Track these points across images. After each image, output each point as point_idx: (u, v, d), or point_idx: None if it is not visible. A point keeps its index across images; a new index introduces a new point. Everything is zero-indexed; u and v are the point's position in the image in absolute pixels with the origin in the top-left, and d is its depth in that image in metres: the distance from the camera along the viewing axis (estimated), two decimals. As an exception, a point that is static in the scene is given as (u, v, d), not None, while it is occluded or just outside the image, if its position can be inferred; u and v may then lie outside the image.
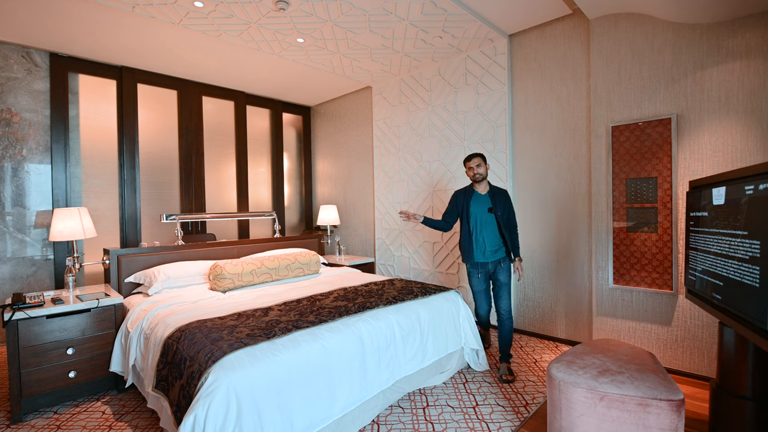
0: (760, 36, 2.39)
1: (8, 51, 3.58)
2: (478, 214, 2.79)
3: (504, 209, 2.79)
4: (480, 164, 2.78)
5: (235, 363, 1.71)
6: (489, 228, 2.76)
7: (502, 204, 2.78)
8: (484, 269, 2.81)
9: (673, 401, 1.57)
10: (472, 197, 2.83)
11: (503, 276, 2.77)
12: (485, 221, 2.76)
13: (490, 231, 2.76)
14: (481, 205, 2.79)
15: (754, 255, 1.45)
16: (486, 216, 2.77)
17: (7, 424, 2.23)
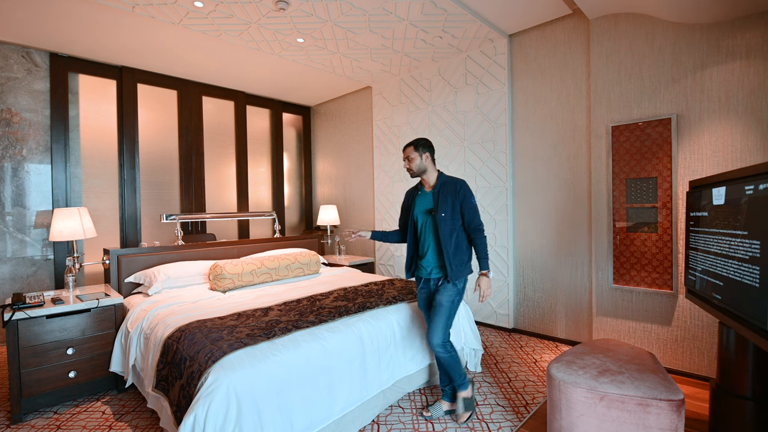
0: (760, 36, 2.39)
1: (8, 51, 3.58)
2: (420, 217, 2.22)
3: (453, 209, 2.11)
4: (412, 156, 2.18)
5: (235, 363, 1.71)
6: (432, 236, 2.18)
7: (449, 202, 2.12)
8: (427, 287, 2.28)
9: (673, 401, 1.57)
10: (416, 196, 2.28)
11: (443, 296, 2.12)
12: (430, 227, 2.19)
13: (433, 240, 2.18)
14: (425, 206, 2.22)
15: (754, 255, 1.45)
16: (430, 220, 2.19)
17: (7, 424, 2.23)
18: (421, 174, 2.22)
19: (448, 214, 2.11)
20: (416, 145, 2.18)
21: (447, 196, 2.13)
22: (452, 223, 2.11)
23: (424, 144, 2.20)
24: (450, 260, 2.09)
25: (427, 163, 2.20)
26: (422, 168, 2.20)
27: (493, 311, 3.76)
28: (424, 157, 2.19)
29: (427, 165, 2.20)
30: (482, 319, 3.85)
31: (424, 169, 2.20)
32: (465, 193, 2.13)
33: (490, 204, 3.74)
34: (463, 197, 2.12)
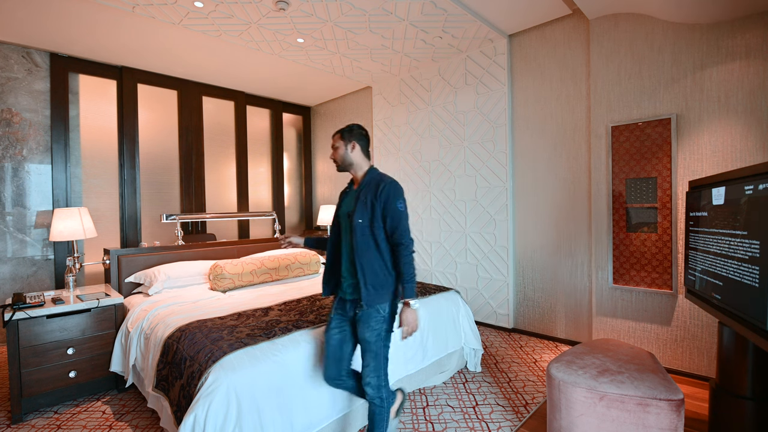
0: (760, 36, 2.39)
1: (8, 51, 3.59)
2: (343, 221, 1.82)
3: (373, 214, 1.70)
4: (336, 145, 1.83)
5: (235, 363, 1.71)
6: (349, 246, 1.78)
7: (369, 205, 1.71)
8: (342, 309, 1.83)
9: (673, 401, 1.57)
10: (345, 196, 1.90)
11: (365, 330, 1.71)
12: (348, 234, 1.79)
13: (348, 251, 1.77)
14: (347, 207, 1.82)
15: (754, 255, 1.45)
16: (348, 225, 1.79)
17: (8, 423, 2.24)
18: (347, 167, 1.83)
19: (365, 221, 1.69)
20: (343, 133, 1.82)
21: (367, 197, 1.72)
22: (371, 232, 1.69)
23: (352, 131, 1.82)
24: (364, 279, 1.67)
25: (354, 154, 1.80)
26: (347, 160, 1.81)
27: (493, 311, 3.76)
28: (350, 146, 1.80)
29: (353, 157, 1.80)
30: (482, 319, 3.85)
31: (350, 162, 1.81)
32: (388, 195, 1.68)
33: (490, 204, 3.74)
34: (386, 200, 1.68)
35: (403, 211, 1.71)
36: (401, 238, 1.69)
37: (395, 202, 1.69)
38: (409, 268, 1.68)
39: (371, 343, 1.71)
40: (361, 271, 1.69)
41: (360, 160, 1.83)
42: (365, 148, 1.84)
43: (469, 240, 3.93)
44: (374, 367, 1.71)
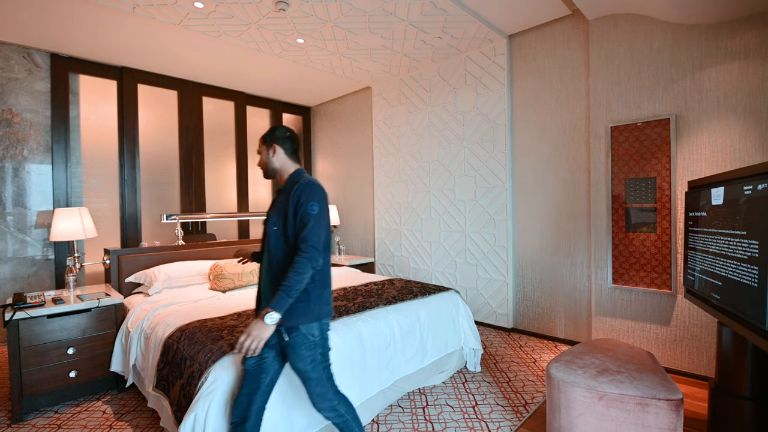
0: (759, 37, 2.39)
1: (9, 51, 3.59)
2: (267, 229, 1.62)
3: (286, 220, 1.51)
4: (260, 149, 1.69)
5: (236, 363, 1.71)
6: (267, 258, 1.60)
7: (282, 209, 1.54)
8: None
9: (672, 401, 1.57)
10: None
11: (297, 360, 1.50)
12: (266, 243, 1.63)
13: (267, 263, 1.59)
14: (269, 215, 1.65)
15: (753, 255, 1.45)
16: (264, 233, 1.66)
17: (8, 423, 2.24)
18: (272, 174, 1.67)
19: (279, 227, 1.52)
20: (264, 137, 1.66)
21: (282, 202, 1.55)
22: (285, 239, 1.51)
23: (273, 134, 1.65)
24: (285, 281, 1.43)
25: (277, 159, 1.63)
26: (270, 166, 1.65)
27: (493, 311, 3.77)
28: (272, 151, 1.63)
29: (276, 162, 1.64)
30: (482, 319, 3.85)
31: (273, 168, 1.65)
32: (300, 195, 1.49)
33: (490, 204, 3.74)
34: (297, 201, 1.49)
35: (315, 214, 1.46)
36: (302, 242, 1.42)
37: (307, 203, 1.47)
38: (295, 277, 1.39)
39: (308, 372, 1.49)
40: (273, 284, 1.51)
41: (284, 164, 1.64)
42: (290, 151, 1.66)
43: (468, 240, 3.93)
44: (320, 394, 1.52)
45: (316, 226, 1.46)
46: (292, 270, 1.40)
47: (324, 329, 1.55)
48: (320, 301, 1.52)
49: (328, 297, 1.56)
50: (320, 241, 1.45)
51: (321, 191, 1.53)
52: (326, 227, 1.50)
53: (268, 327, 1.38)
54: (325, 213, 1.51)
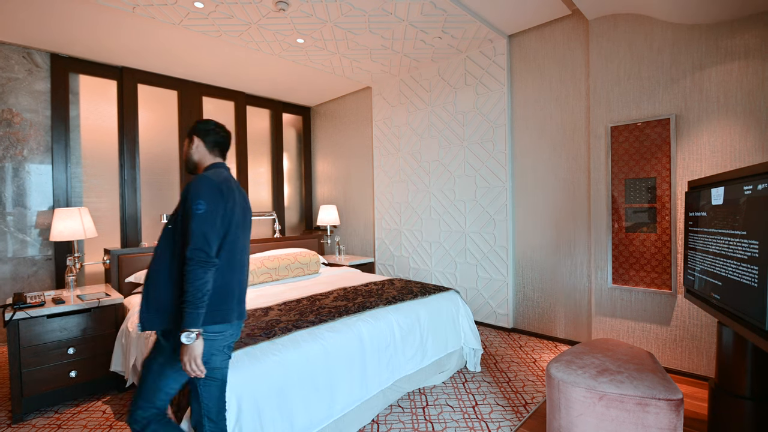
0: (759, 36, 2.39)
1: (9, 51, 3.59)
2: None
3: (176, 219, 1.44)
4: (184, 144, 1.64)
5: (236, 362, 1.71)
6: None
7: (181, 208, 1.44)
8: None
9: (672, 401, 1.57)
10: None
11: (151, 355, 1.46)
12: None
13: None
14: None
15: (753, 255, 1.45)
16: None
17: (9, 423, 2.24)
18: (192, 168, 1.61)
19: (172, 224, 1.44)
20: (188, 131, 1.60)
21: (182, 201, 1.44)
22: (172, 236, 1.42)
23: (194, 127, 1.59)
24: (147, 294, 1.38)
25: (195, 152, 1.57)
26: (190, 159, 1.59)
27: (493, 311, 3.77)
28: (195, 144, 1.57)
29: (194, 155, 1.58)
30: (482, 319, 3.85)
31: (193, 162, 1.59)
32: (188, 192, 1.39)
33: (490, 204, 3.74)
34: (185, 198, 1.40)
35: (200, 214, 1.35)
36: (190, 252, 1.32)
37: (194, 201, 1.36)
38: (191, 288, 1.30)
39: (144, 366, 1.41)
40: (145, 284, 1.41)
41: (203, 158, 1.58)
42: (211, 144, 1.58)
43: (468, 240, 3.93)
44: (138, 390, 1.42)
45: (200, 228, 1.34)
46: (186, 280, 1.31)
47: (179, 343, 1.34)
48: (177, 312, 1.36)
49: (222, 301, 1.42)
50: (206, 243, 1.34)
51: (211, 187, 1.39)
52: (214, 226, 1.37)
53: (190, 346, 1.31)
54: (214, 211, 1.38)
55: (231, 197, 1.46)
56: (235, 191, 1.51)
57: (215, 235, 1.38)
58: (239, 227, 1.50)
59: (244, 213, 1.55)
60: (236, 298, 1.49)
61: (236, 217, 1.48)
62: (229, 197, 1.45)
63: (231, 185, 1.51)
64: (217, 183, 1.44)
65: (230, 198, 1.46)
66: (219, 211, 1.40)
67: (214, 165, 1.57)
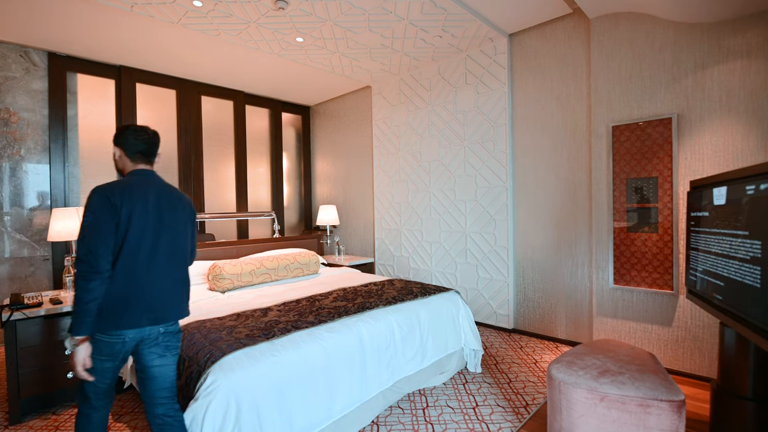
0: (761, 35, 2.38)
1: (6, 50, 3.57)
2: None
3: None
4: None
5: (234, 364, 1.70)
6: None
7: None
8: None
9: (674, 402, 1.56)
10: None
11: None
12: None
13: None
14: None
15: (755, 255, 1.44)
16: None
17: (6, 425, 2.23)
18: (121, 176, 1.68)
19: None
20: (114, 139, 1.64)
21: None
22: None
23: (116, 135, 1.63)
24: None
25: (119, 160, 1.64)
26: (117, 167, 1.66)
27: (493, 311, 3.76)
28: (117, 154, 1.63)
29: (118, 162, 1.65)
30: (482, 320, 3.84)
31: (118, 169, 1.66)
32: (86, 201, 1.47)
33: (490, 204, 3.73)
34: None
35: (85, 226, 1.42)
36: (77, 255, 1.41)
37: (84, 213, 1.45)
38: (75, 298, 1.37)
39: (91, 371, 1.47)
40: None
41: (125, 166, 1.63)
42: (131, 152, 1.61)
43: (469, 240, 3.92)
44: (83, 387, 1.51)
45: (82, 236, 1.41)
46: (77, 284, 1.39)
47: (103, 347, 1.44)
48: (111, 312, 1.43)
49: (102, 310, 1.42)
50: (89, 254, 1.39)
51: (99, 199, 1.45)
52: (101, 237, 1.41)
53: (74, 352, 1.40)
54: (101, 222, 1.42)
55: (133, 204, 1.49)
56: (149, 196, 1.54)
57: (103, 246, 1.41)
58: (148, 232, 1.51)
59: (160, 216, 1.56)
60: (145, 304, 1.50)
61: (144, 222, 1.50)
62: (126, 204, 1.47)
63: (143, 190, 1.54)
64: (107, 193, 1.46)
65: (132, 205, 1.48)
66: (108, 221, 1.44)
67: (134, 173, 1.61)
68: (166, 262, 1.58)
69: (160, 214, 1.57)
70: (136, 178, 1.59)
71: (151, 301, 1.52)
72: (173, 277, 1.62)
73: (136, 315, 1.48)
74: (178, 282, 1.63)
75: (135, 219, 1.49)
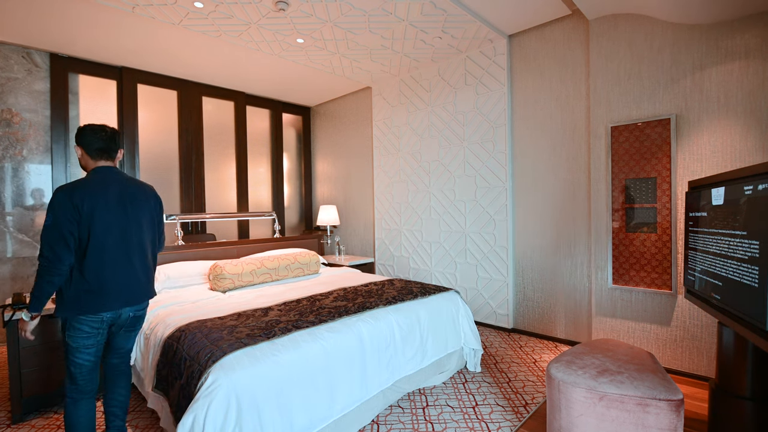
0: (759, 36, 2.39)
1: (8, 51, 3.59)
2: None
3: None
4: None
5: (235, 363, 1.71)
6: None
7: None
8: None
9: (673, 401, 1.57)
10: None
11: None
12: None
13: None
14: None
15: (753, 255, 1.45)
16: None
17: (8, 423, 2.24)
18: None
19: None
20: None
21: None
22: None
23: (76, 135, 1.76)
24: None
25: (82, 159, 1.78)
26: (81, 166, 1.81)
27: (493, 311, 3.77)
28: (79, 153, 1.76)
29: (81, 161, 1.79)
30: (482, 319, 3.85)
31: (83, 167, 1.81)
32: None
33: (490, 204, 3.74)
34: None
35: (47, 225, 1.57)
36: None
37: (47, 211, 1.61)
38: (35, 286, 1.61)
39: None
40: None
41: (87, 164, 1.77)
42: (91, 149, 1.73)
43: (468, 240, 3.93)
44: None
45: (44, 236, 1.58)
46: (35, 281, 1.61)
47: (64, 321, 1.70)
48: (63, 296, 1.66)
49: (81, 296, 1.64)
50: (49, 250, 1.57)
51: (60, 198, 1.59)
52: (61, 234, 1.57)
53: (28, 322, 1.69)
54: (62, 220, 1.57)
55: (94, 201, 1.64)
56: (109, 192, 1.70)
57: (62, 245, 1.58)
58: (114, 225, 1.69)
59: (123, 209, 1.73)
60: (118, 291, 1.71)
61: (107, 216, 1.67)
62: (87, 202, 1.62)
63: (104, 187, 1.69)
64: (69, 194, 1.61)
65: (94, 202, 1.64)
66: (69, 220, 1.59)
67: (94, 170, 1.75)
68: (133, 252, 1.76)
69: (124, 207, 1.73)
70: (98, 175, 1.73)
71: (123, 288, 1.73)
72: (141, 264, 1.80)
73: (111, 300, 1.70)
74: (145, 268, 1.84)
75: (97, 215, 1.64)
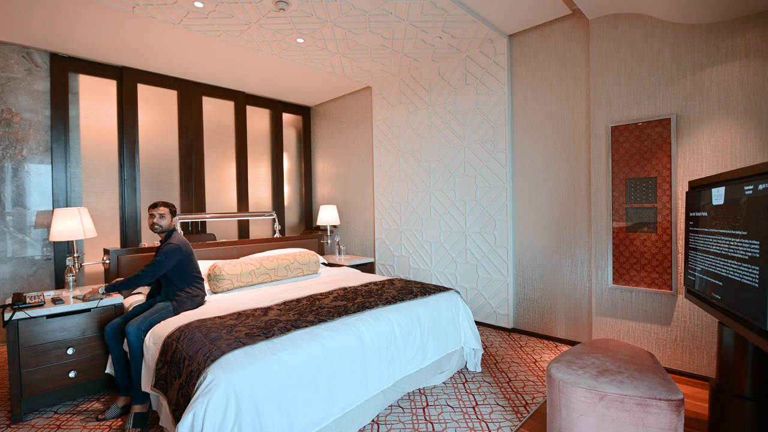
0: (760, 36, 2.39)
1: (8, 51, 3.59)
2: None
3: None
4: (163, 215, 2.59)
5: (234, 362, 1.71)
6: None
7: None
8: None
9: (673, 401, 1.57)
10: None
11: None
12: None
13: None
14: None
15: (753, 255, 1.45)
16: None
17: (8, 423, 2.24)
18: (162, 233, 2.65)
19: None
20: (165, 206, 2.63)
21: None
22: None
23: (172, 209, 2.67)
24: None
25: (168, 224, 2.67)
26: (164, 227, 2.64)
27: (493, 311, 3.76)
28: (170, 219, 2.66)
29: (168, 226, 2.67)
30: (482, 319, 3.85)
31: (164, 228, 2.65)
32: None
33: (490, 204, 3.74)
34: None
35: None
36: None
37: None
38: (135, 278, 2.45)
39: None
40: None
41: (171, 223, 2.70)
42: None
43: (469, 240, 3.93)
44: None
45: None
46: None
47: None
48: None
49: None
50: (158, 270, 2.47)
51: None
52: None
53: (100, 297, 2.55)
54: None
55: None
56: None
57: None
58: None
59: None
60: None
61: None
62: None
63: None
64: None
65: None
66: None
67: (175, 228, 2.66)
68: None
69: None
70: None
71: None
72: None
73: None
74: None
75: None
